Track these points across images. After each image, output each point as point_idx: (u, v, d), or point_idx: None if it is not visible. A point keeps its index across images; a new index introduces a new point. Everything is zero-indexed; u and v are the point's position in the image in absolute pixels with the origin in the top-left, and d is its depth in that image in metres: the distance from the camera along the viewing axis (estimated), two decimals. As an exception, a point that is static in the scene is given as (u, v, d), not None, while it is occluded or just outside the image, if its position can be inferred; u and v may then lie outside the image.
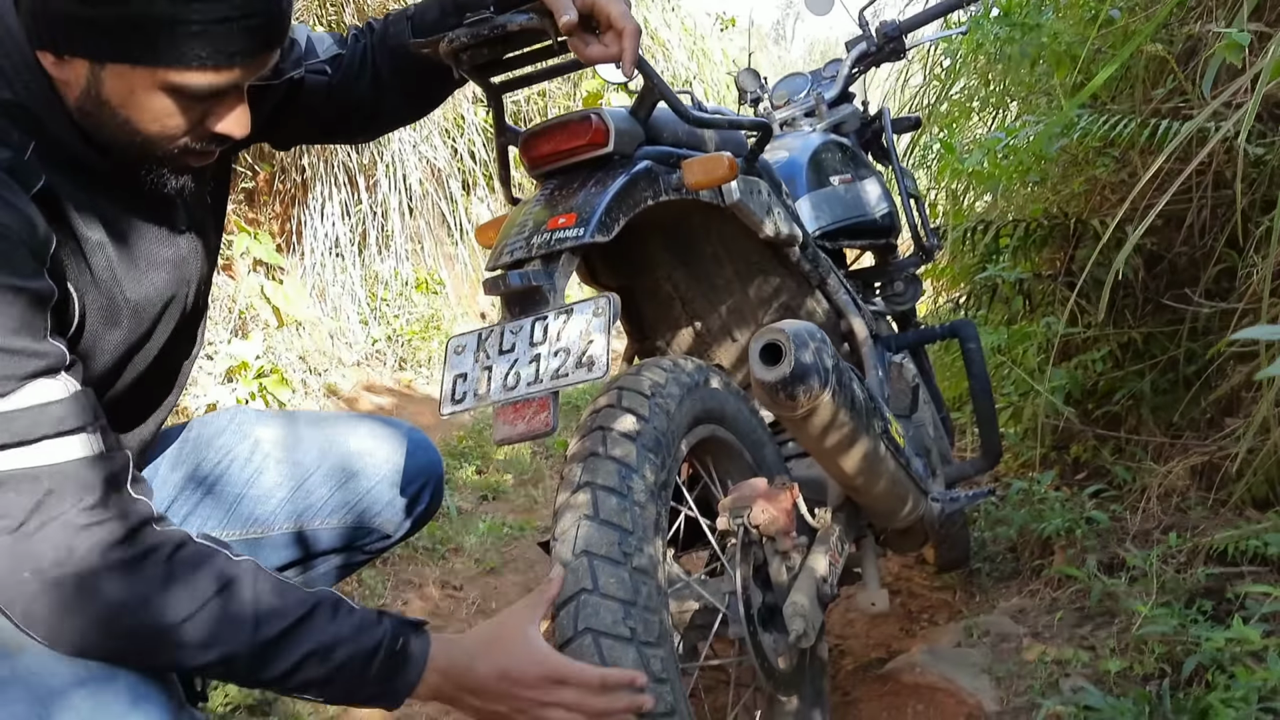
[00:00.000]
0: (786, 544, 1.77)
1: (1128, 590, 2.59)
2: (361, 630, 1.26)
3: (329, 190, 6.22)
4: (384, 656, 1.26)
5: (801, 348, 1.57)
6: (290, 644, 1.20)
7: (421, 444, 1.90)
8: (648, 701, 1.34)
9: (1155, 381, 3.33)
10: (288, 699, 2.24)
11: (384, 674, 1.26)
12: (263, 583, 1.23)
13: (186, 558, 1.19)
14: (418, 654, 1.30)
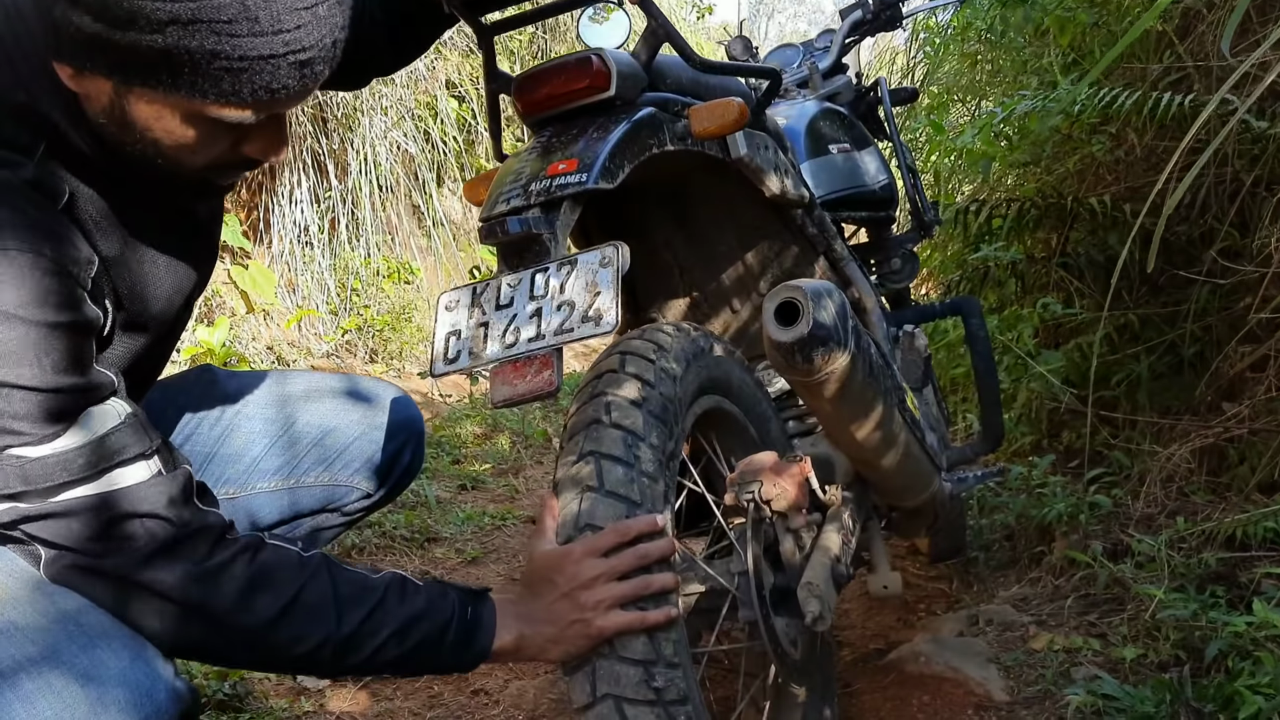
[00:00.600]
0: (799, 521, 1.65)
1: (1136, 576, 2.50)
2: (432, 605, 1.28)
3: (298, 177, 6.05)
4: (457, 627, 1.28)
5: (820, 307, 1.45)
6: (371, 630, 1.23)
7: (400, 400, 1.79)
8: (672, 546, 1.35)
9: (1153, 365, 3.25)
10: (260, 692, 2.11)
11: (458, 643, 1.28)
12: (337, 574, 1.25)
13: (267, 562, 1.21)
14: (487, 619, 1.31)
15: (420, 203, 7.02)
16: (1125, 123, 3.31)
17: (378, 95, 6.22)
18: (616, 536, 1.31)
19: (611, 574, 1.30)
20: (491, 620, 1.31)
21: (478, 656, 1.30)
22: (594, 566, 1.29)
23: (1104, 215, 3.18)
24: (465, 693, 2.20)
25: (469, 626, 1.29)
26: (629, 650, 1.30)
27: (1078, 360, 3.21)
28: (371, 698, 2.17)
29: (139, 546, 1.12)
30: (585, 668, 1.31)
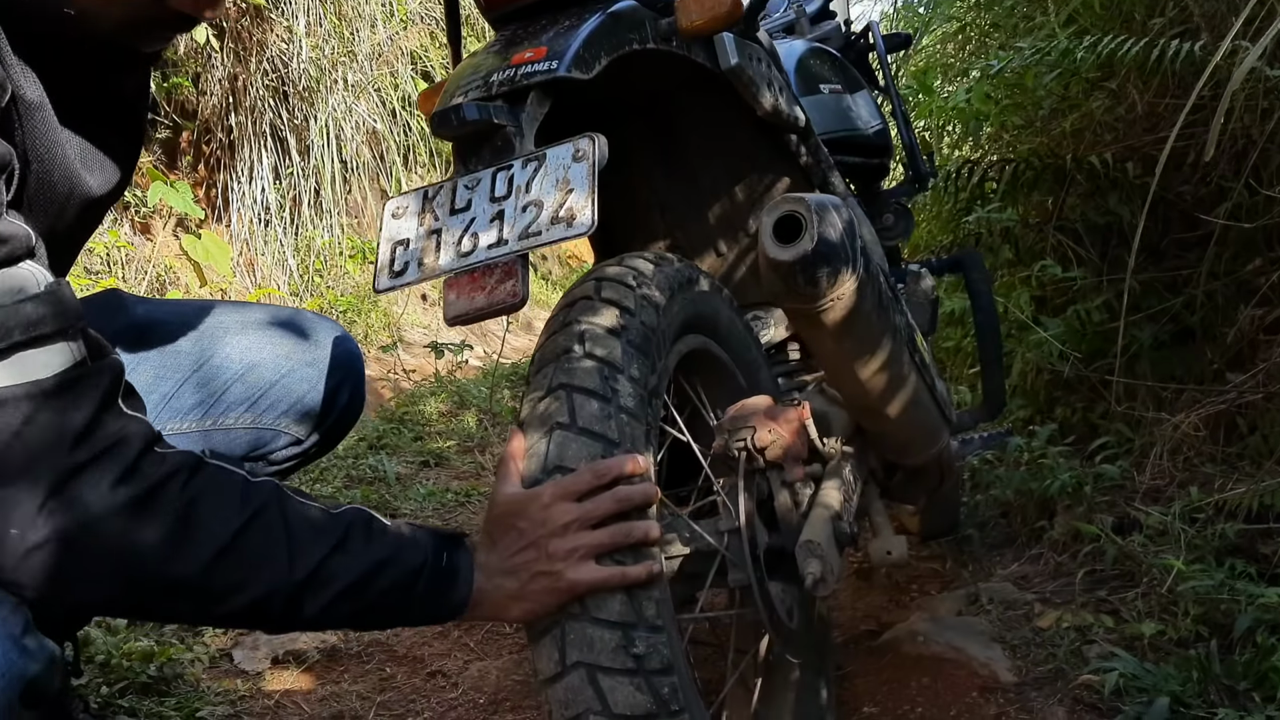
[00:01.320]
0: (796, 473, 1.46)
1: (1147, 549, 2.33)
2: (402, 549, 1.09)
3: (258, 152, 5.81)
4: (430, 575, 1.10)
5: (825, 221, 1.26)
6: (329, 576, 1.03)
7: (338, 336, 1.58)
8: (655, 492, 1.17)
9: (1155, 334, 3.09)
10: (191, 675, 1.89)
11: (432, 595, 1.10)
12: (290, 507, 1.04)
13: (204, 487, 0.99)
14: (465, 568, 1.13)
15: (388, 186, 6.80)
16: (1126, 79, 3.14)
17: (339, 67, 5.98)
18: (592, 478, 1.12)
19: (585, 520, 1.11)
20: (470, 570, 1.12)
21: (454, 610, 1.12)
22: (565, 511, 1.11)
23: (1105, 175, 3.01)
24: (420, 675, 2.00)
25: (444, 576, 1.11)
26: (604, 610, 1.10)
27: (1077, 328, 3.04)
28: (315, 680, 1.96)
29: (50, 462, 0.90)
30: (553, 631, 1.12)
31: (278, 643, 2.05)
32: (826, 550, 1.38)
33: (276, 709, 1.84)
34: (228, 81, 5.65)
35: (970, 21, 4.06)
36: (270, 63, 5.73)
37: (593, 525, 1.11)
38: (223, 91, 5.65)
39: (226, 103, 5.68)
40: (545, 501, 1.11)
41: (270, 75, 5.74)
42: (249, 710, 1.83)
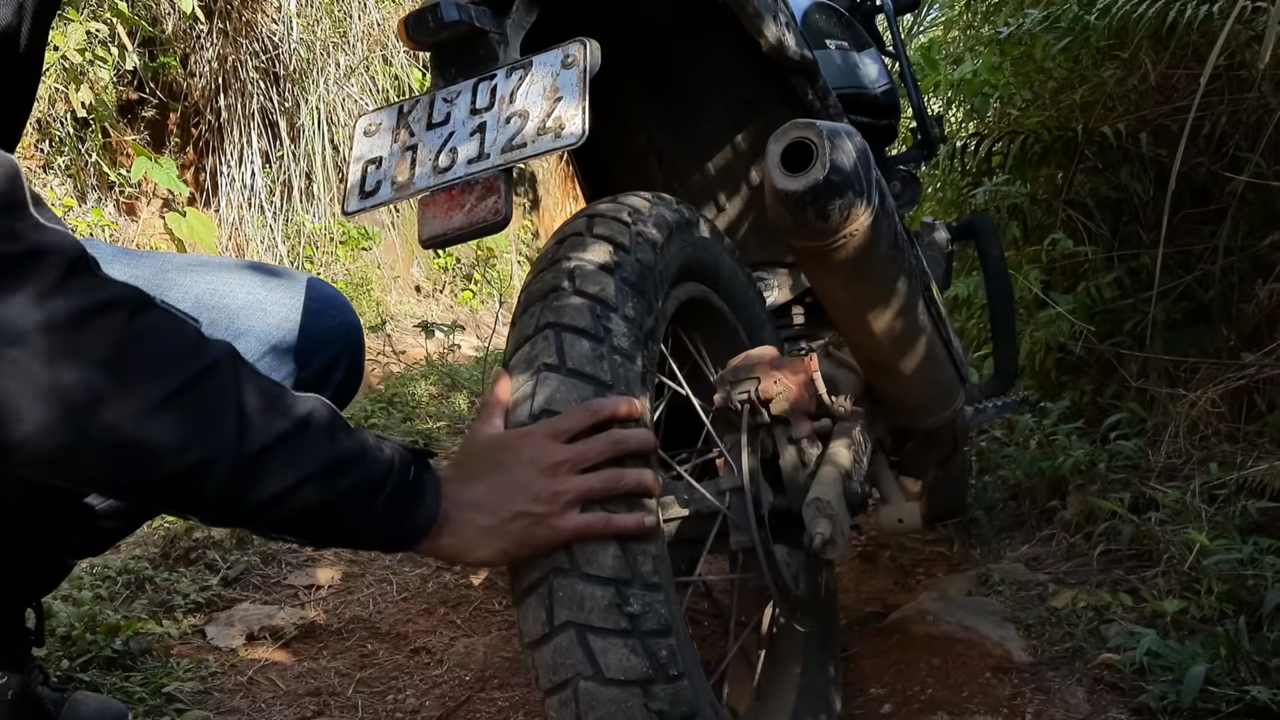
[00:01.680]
0: (803, 429, 1.36)
1: (1163, 530, 2.23)
2: (367, 453, 0.95)
3: (247, 136, 5.70)
4: (395, 488, 0.96)
5: (838, 148, 1.15)
6: (285, 462, 0.89)
7: (332, 301, 1.44)
8: (653, 440, 1.06)
9: (1168, 310, 2.99)
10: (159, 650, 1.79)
11: (393, 512, 0.96)
12: (246, 373, 0.90)
13: (151, 326, 0.85)
14: (431, 487, 0.99)
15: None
16: (1139, 47, 3.04)
17: (331, 49, 5.88)
18: (585, 417, 1.02)
19: (576, 463, 1.00)
20: (435, 493, 0.99)
21: (413, 533, 0.98)
22: (555, 451, 1.00)
23: (1117, 147, 2.91)
24: (404, 651, 1.89)
25: (409, 493, 0.97)
26: (596, 565, 1.00)
27: (1088, 304, 2.94)
28: (292, 656, 1.86)
29: None
30: (540, 589, 1.01)
31: (253, 618, 1.95)
32: (836, 509, 1.28)
33: (250, 685, 1.74)
34: (217, 63, 5.54)
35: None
36: (261, 43, 5.63)
37: (583, 470, 1.00)
38: (212, 73, 5.54)
39: (216, 84, 5.57)
40: (536, 437, 1.01)
41: (261, 57, 5.64)
42: (220, 687, 1.73)
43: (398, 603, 2.14)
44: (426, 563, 2.34)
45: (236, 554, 2.26)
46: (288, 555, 2.31)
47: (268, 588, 2.16)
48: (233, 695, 1.71)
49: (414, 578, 2.28)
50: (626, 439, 1.03)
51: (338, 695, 1.73)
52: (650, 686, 0.99)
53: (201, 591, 2.06)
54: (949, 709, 1.77)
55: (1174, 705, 1.63)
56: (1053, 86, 3.22)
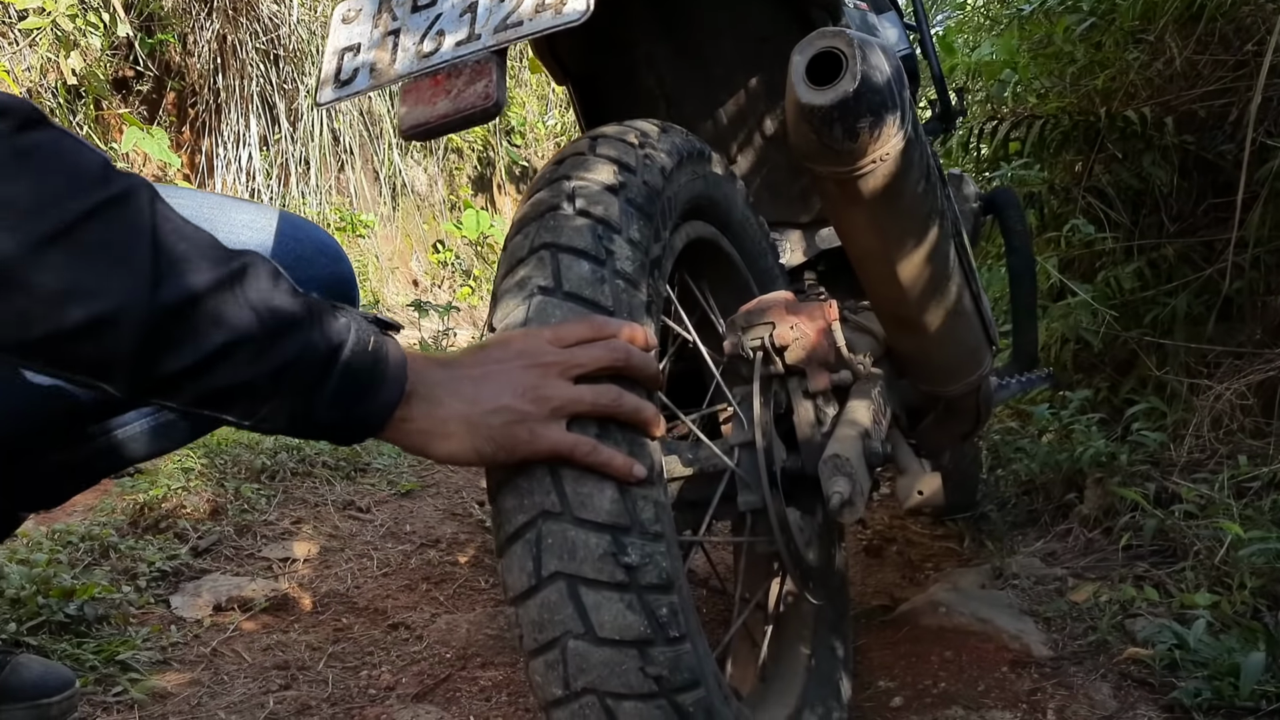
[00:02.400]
0: (820, 381, 1.24)
1: (1191, 523, 2.11)
2: (317, 316, 0.80)
3: (245, 117, 5.59)
4: (349, 359, 0.81)
5: (870, 62, 1.04)
6: (212, 315, 0.73)
7: (325, 248, 1.29)
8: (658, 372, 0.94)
9: (1190, 303, 2.87)
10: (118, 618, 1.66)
11: (349, 387, 0.81)
12: (164, 211, 0.74)
13: (43, 143, 0.70)
14: (394, 362, 0.84)
15: (380, 169, 6.59)
16: (1164, 30, 2.94)
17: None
18: (588, 329, 0.90)
19: (571, 367, 0.88)
20: (401, 367, 0.84)
21: (373, 416, 0.83)
22: (551, 352, 0.88)
23: (1140, 133, 2.80)
24: (381, 626, 1.77)
25: (368, 365, 0.82)
26: (591, 508, 0.88)
27: (1107, 294, 2.82)
28: (261, 628, 1.73)
29: None
30: (526, 535, 0.89)
31: (222, 589, 1.83)
32: (856, 467, 1.16)
33: (213, 656, 1.62)
34: (216, 42, 5.44)
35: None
36: (262, 24, 5.52)
37: (577, 379, 0.88)
38: (211, 52, 5.44)
39: (215, 64, 5.46)
40: (528, 335, 0.89)
41: (261, 37, 5.53)
42: (181, 658, 1.60)
43: (378, 578, 2.02)
44: (409, 539, 2.21)
45: (209, 524, 2.13)
46: (263, 528, 2.19)
47: (240, 559, 2.04)
48: (193, 666, 1.58)
49: (396, 553, 2.15)
50: (630, 353, 0.90)
51: (307, 669, 1.60)
52: (648, 648, 0.87)
53: (169, 560, 1.93)
54: (964, 703, 1.65)
55: (1209, 702, 1.51)
56: (1073, 71, 3.11)
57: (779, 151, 1.69)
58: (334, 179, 6.18)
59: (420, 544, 2.21)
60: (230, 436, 2.59)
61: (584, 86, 1.65)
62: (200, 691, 1.50)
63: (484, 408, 0.85)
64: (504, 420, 0.85)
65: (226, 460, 2.44)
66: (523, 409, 0.85)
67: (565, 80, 1.64)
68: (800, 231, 1.79)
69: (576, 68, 1.61)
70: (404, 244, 7.16)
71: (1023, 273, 2.04)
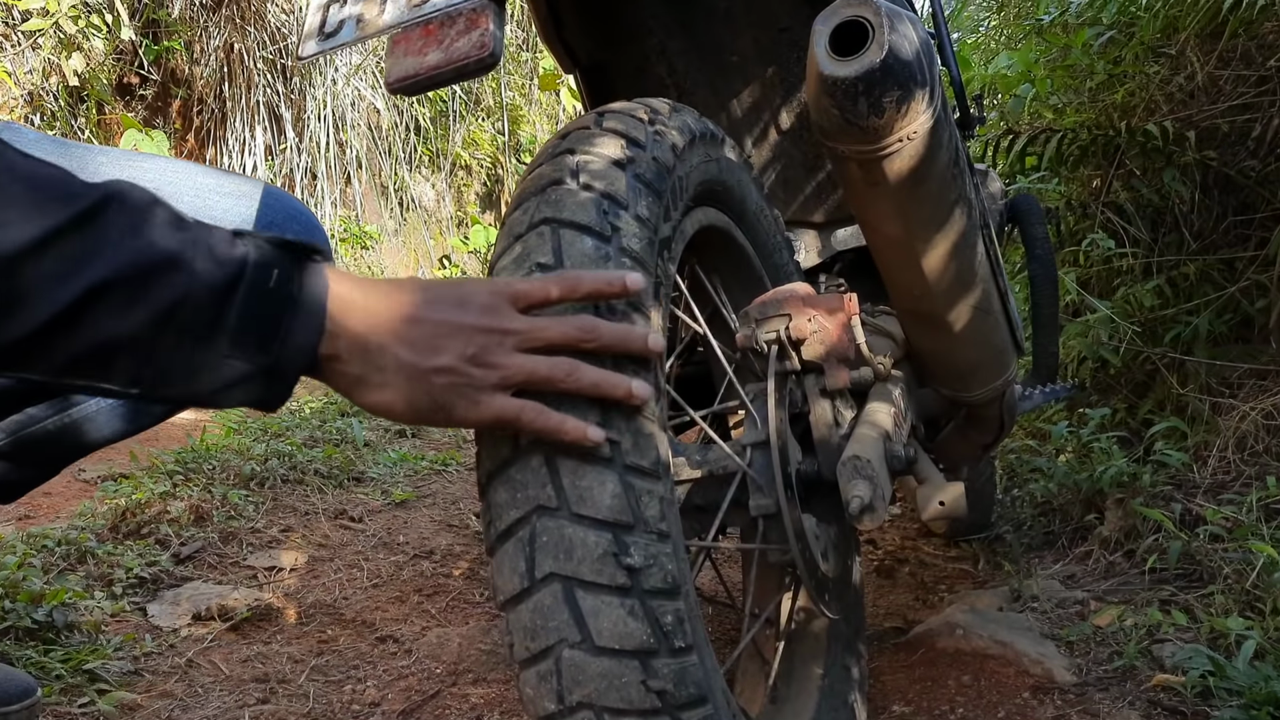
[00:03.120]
0: (839, 378, 1.16)
1: (1219, 545, 2.02)
2: (203, 248, 0.66)
3: (250, 127, 5.55)
4: (249, 297, 0.67)
5: (898, 32, 0.96)
6: (63, 261, 0.61)
7: (297, 216, 1.20)
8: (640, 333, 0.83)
9: (1210, 322, 2.79)
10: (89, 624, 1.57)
11: (250, 329, 0.68)
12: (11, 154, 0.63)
13: None
14: (312, 289, 0.71)
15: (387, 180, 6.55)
16: (1186, 44, 2.87)
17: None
18: (559, 287, 0.80)
19: (528, 339, 0.77)
20: (320, 293, 0.72)
21: (288, 359, 0.70)
22: (513, 318, 0.78)
23: (1161, 148, 2.72)
24: (368, 639, 1.68)
25: (275, 299, 0.69)
26: (590, 503, 0.80)
27: (1126, 311, 2.74)
28: (241, 639, 1.64)
29: None
30: (519, 532, 0.81)
31: (202, 598, 1.74)
32: (877, 470, 1.08)
33: (187, 668, 1.53)
34: (223, 51, 5.40)
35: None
36: (269, 33, 5.48)
37: (540, 348, 0.78)
38: (218, 61, 5.39)
39: (221, 72, 5.42)
40: (494, 292, 0.78)
41: (268, 46, 5.49)
42: (154, 668, 1.51)
43: (367, 589, 1.93)
44: (402, 550, 2.12)
45: (193, 530, 2.05)
46: (249, 535, 2.10)
47: (224, 567, 1.95)
48: (166, 678, 1.50)
49: (388, 564, 2.06)
50: (598, 330, 0.80)
51: (287, 683, 1.51)
52: (651, 659, 0.79)
53: (148, 567, 1.85)
54: (983, 730, 1.56)
55: (1246, 733, 1.42)
56: (1092, 86, 3.04)
57: (795, 146, 1.61)
58: (340, 191, 6.13)
59: (413, 555, 2.12)
60: (220, 441, 2.51)
61: (592, 76, 1.58)
62: (172, 705, 1.41)
63: (429, 362, 0.74)
64: (446, 383, 0.75)
65: (215, 466, 2.36)
66: (469, 373, 0.75)
67: (573, 68, 1.57)
68: (816, 232, 1.71)
69: (586, 56, 1.54)
70: (409, 257, 7.10)
71: (1044, 282, 1.96)
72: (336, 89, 5.68)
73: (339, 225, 5.74)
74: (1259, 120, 2.80)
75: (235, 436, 2.57)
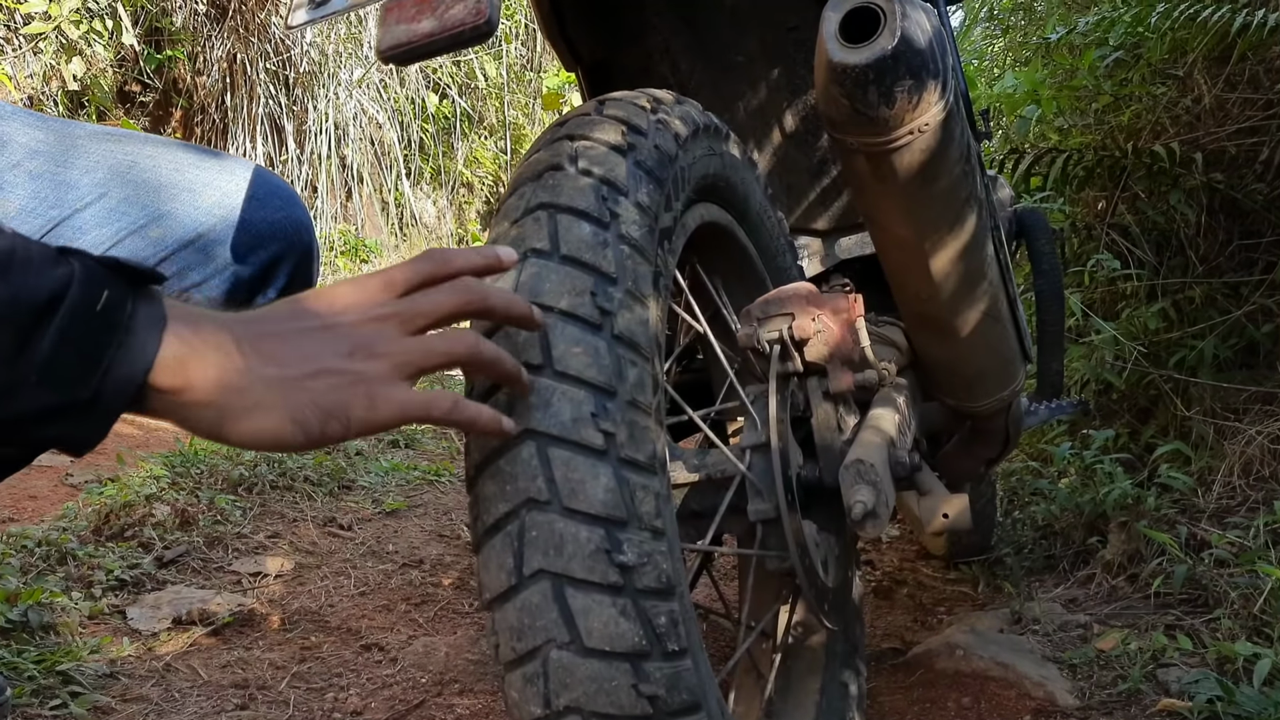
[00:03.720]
0: (843, 381, 1.12)
1: (1225, 570, 1.98)
2: (18, 262, 0.57)
3: (252, 138, 5.53)
4: (70, 319, 0.58)
5: (910, 19, 0.94)
6: None
7: (278, 191, 1.17)
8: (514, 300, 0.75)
9: (1217, 346, 2.75)
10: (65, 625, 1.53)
11: (70, 352, 0.58)
12: None
13: None
14: (147, 314, 0.61)
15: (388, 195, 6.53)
16: (1194, 67, 2.85)
17: (346, 55, 5.72)
18: (430, 267, 0.72)
19: (413, 318, 0.69)
20: (157, 318, 0.61)
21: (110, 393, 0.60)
22: (386, 302, 0.69)
23: (1168, 170, 2.70)
24: (352, 647, 1.63)
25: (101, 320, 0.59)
26: (582, 497, 0.76)
27: (1132, 332, 2.70)
28: (222, 644, 1.60)
29: None
30: (507, 527, 0.77)
31: (183, 602, 1.70)
32: (881, 476, 1.04)
33: (165, 671, 1.48)
34: (226, 62, 5.39)
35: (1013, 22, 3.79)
36: (273, 44, 5.48)
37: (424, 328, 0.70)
38: (221, 72, 5.39)
39: (224, 83, 5.41)
40: (360, 285, 0.71)
41: (272, 58, 5.49)
42: (130, 672, 1.47)
43: (353, 597, 1.88)
44: (391, 558, 2.08)
45: (178, 534, 2.00)
46: (235, 540, 2.06)
47: (208, 572, 1.91)
48: (143, 682, 1.45)
49: (376, 572, 2.02)
50: (485, 293, 0.72)
51: (267, 689, 1.46)
52: (643, 663, 0.75)
53: (130, 570, 1.80)
54: (984, 753, 1.51)
55: (1255, 760, 1.38)
56: (1097, 108, 3.02)
57: (800, 151, 1.58)
58: (341, 205, 6.11)
59: (402, 564, 2.08)
60: (208, 445, 2.47)
61: (595, 74, 1.56)
62: (146, 709, 1.37)
63: (301, 370, 0.65)
64: (331, 385, 0.65)
65: (202, 470, 2.32)
66: (355, 369, 0.66)
67: (575, 66, 1.54)
68: (820, 240, 1.68)
69: (588, 54, 1.52)
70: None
71: (1050, 297, 1.93)
72: (339, 102, 5.67)
73: (338, 238, 5.71)
74: (1266, 144, 2.78)
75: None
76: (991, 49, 3.81)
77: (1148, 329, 2.77)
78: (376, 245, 5.98)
